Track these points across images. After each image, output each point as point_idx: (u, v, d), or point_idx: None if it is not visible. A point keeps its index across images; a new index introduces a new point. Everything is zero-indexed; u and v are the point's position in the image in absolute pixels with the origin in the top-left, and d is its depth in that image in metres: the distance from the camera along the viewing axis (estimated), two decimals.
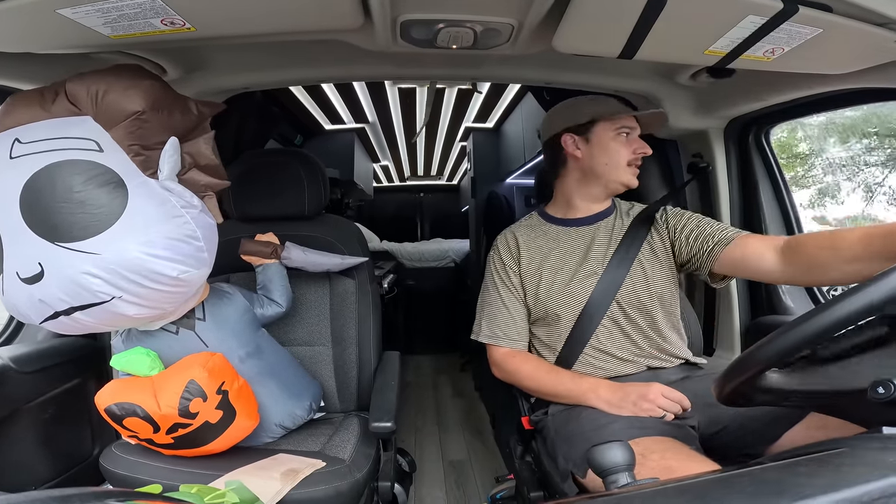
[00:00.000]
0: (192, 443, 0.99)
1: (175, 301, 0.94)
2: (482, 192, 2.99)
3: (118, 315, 0.86)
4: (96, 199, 0.81)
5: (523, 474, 1.22)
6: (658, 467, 0.77)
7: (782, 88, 1.15)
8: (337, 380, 1.38)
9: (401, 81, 1.48)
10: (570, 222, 1.23)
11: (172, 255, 0.85)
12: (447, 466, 2.29)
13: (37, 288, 0.81)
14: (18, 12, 0.71)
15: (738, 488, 0.42)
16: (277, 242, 1.29)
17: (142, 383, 0.97)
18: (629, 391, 0.98)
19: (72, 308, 0.82)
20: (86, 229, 0.80)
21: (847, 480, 0.35)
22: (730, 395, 0.67)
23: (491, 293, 1.23)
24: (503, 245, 1.25)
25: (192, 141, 0.97)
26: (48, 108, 0.85)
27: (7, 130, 0.84)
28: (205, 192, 0.99)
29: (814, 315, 0.55)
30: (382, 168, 4.75)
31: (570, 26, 0.82)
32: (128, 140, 0.85)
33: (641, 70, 1.31)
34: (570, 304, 1.13)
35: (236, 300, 1.17)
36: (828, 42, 0.83)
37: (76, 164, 0.81)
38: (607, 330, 1.12)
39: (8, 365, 1.09)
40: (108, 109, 0.84)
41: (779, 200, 1.44)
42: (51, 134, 0.83)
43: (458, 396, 3.29)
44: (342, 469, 1.02)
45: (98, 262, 0.80)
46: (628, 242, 1.15)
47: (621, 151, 1.16)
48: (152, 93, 0.87)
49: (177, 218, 0.87)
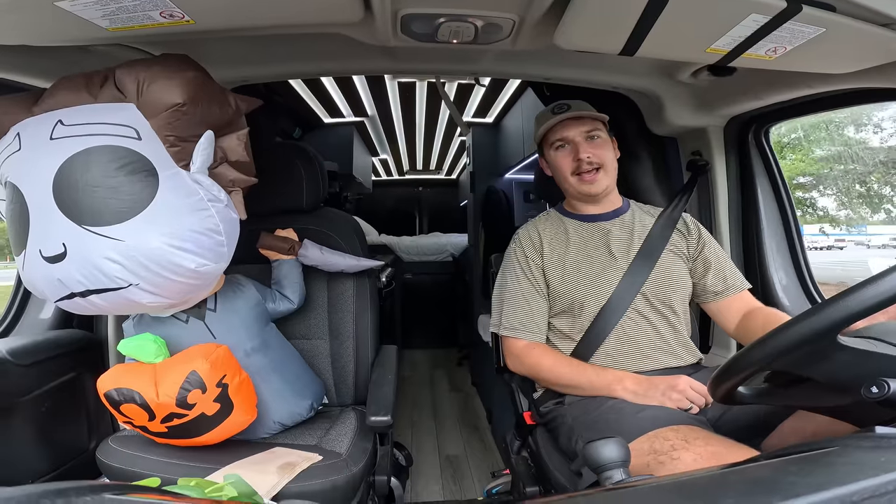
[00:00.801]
0: (185, 433, 1.00)
1: (189, 293, 0.95)
2: (481, 187, 2.98)
3: (132, 302, 0.88)
4: (128, 186, 0.83)
5: (519, 469, 1.22)
6: (705, 453, 0.77)
7: (783, 87, 1.15)
8: (334, 374, 1.39)
9: (401, 75, 1.47)
10: (589, 217, 1.25)
11: (194, 247, 0.87)
12: (443, 461, 2.31)
13: (57, 267, 0.83)
14: (16, 4, 0.70)
15: (731, 486, 0.43)
16: (296, 239, 1.29)
17: (144, 370, 0.97)
18: (656, 382, 1.00)
19: (88, 291, 0.84)
20: (114, 215, 0.82)
21: (838, 479, 0.35)
22: (725, 395, 0.68)
23: (512, 286, 1.23)
24: (525, 238, 1.25)
25: (227, 136, 0.98)
26: (95, 92, 0.87)
27: (51, 112, 0.86)
28: (232, 188, 1.00)
29: (807, 317, 0.55)
30: (381, 162, 4.74)
31: (572, 22, 0.82)
32: (166, 130, 0.87)
33: (642, 67, 1.30)
34: (596, 294, 1.14)
35: (249, 293, 1.18)
36: (830, 42, 0.82)
37: (114, 150, 0.83)
38: (632, 321, 1.13)
39: (5, 357, 1.08)
40: (151, 99, 0.86)
41: (777, 199, 1.45)
42: (94, 118, 0.85)
43: (455, 391, 3.30)
44: (339, 463, 1.03)
45: (120, 249, 0.82)
46: (653, 240, 1.19)
47: (562, 164, 1.22)
48: (194, 85, 0.88)
49: (202, 211, 0.89)
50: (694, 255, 1.21)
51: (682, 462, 0.77)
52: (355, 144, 3.32)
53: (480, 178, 3.09)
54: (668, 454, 0.80)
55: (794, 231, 1.43)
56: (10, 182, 0.87)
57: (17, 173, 0.86)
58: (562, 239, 1.23)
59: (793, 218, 1.43)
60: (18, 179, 0.86)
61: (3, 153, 0.88)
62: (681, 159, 1.61)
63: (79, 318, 1.36)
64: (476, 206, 3.02)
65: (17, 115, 0.89)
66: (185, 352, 1.00)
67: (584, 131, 1.19)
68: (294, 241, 1.29)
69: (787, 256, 1.43)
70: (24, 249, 0.86)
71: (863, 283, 0.51)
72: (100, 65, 0.98)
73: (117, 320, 1.36)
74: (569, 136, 1.20)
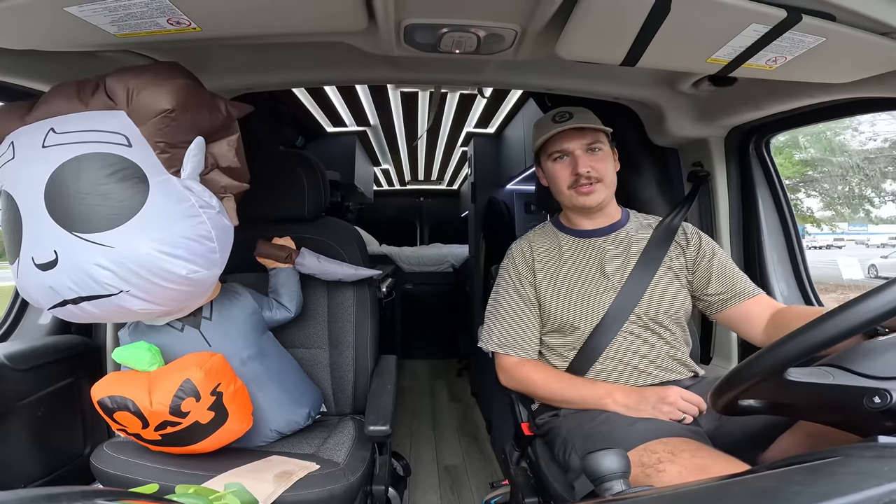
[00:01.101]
0: (179, 441, 0.99)
1: (182, 300, 0.95)
2: (482, 198, 2.99)
3: (124, 309, 0.87)
4: (118, 192, 0.83)
5: (519, 480, 1.21)
6: (691, 465, 0.76)
7: (784, 97, 1.16)
8: (333, 383, 1.38)
9: (403, 85, 1.48)
10: (583, 233, 1.22)
11: (184, 254, 0.87)
12: (442, 471, 2.28)
13: (49, 275, 0.83)
14: (25, 9, 0.71)
15: (734, 497, 0.42)
16: (294, 247, 1.29)
17: (138, 378, 0.97)
18: (647, 394, 0.98)
19: (80, 298, 0.84)
20: (103, 222, 0.82)
21: (841, 489, 0.34)
22: (726, 406, 0.67)
23: (503, 301, 1.21)
24: (518, 254, 1.23)
25: (217, 142, 0.99)
26: (86, 100, 0.88)
27: (44, 120, 0.87)
28: (224, 194, 1.00)
29: (811, 328, 0.55)
30: (383, 172, 4.75)
31: (574, 33, 0.83)
32: (156, 137, 0.88)
33: (643, 77, 1.31)
34: (588, 315, 1.12)
35: (245, 301, 1.17)
36: (831, 51, 0.83)
37: (104, 157, 0.84)
38: (625, 340, 1.11)
39: (2, 362, 1.08)
40: (141, 105, 0.87)
41: (778, 210, 1.45)
42: (85, 126, 0.85)
43: (455, 401, 3.28)
44: (336, 472, 1.02)
45: (110, 255, 0.82)
46: (648, 256, 1.15)
47: (560, 176, 1.17)
48: (184, 92, 0.89)
49: (193, 217, 0.89)
50: (693, 267, 1.17)
51: (666, 475, 0.77)
52: (357, 154, 3.33)
53: (482, 188, 3.10)
54: (654, 467, 0.79)
55: (795, 241, 1.43)
56: (5, 190, 0.88)
57: (11, 181, 0.87)
58: (554, 255, 1.20)
59: (793, 228, 1.43)
60: (12, 187, 0.86)
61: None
62: (682, 170, 1.61)
63: (77, 324, 1.36)
64: (477, 216, 3.03)
65: (11, 123, 0.89)
66: (179, 360, 1.00)
67: (585, 143, 1.14)
68: (291, 249, 1.28)
69: (787, 267, 1.42)
70: (17, 257, 0.86)
71: None
72: (106, 70, 0.99)
73: (115, 326, 1.36)
74: (568, 147, 1.14)
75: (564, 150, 1.16)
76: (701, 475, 0.74)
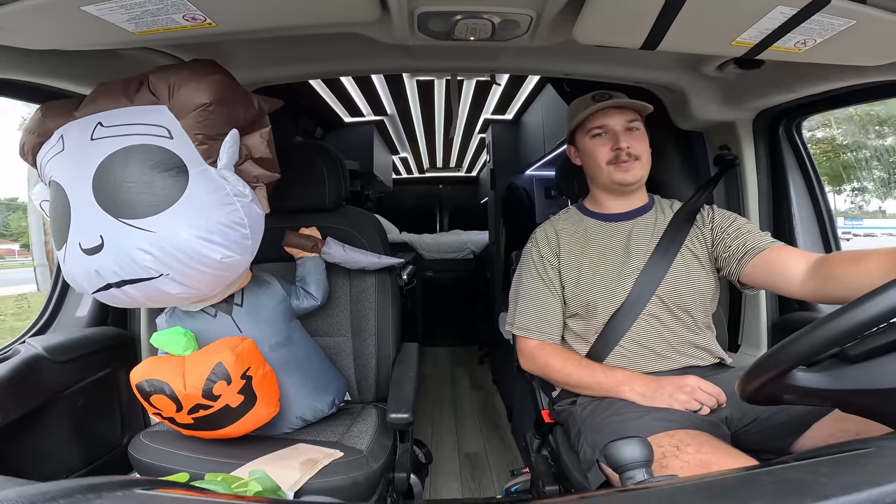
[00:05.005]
0: (210, 424, 1.03)
1: (216, 284, 0.99)
2: (501, 184, 2.97)
3: (163, 292, 0.92)
4: (160, 181, 0.89)
5: (539, 468, 1.22)
6: (694, 461, 0.76)
7: (815, 79, 1.11)
8: (356, 371, 1.40)
9: (419, 74, 1.47)
10: (609, 217, 1.22)
11: (220, 239, 0.92)
12: (463, 459, 2.31)
13: (94, 259, 0.89)
14: (44, 10, 0.73)
15: (760, 487, 0.41)
16: (319, 237, 1.32)
17: (174, 362, 1.01)
18: (664, 383, 0.97)
19: (123, 281, 0.90)
20: (147, 208, 0.88)
21: (871, 480, 0.34)
22: (754, 394, 0.66)
23: (526, 285, 1.22)
24: (542, 238, 1.23)
25: (251, 134, 1.04)
26: (131, 96, 0.94)
27: (92, 115, 0.94)
28: (256, 183, 1.05)
29: (844, 312, 0.53)
30: (401, 160, 4.76)
31: (591, 17, 0.81)
32: (195, 129, 0.93)
33: (665, 61, 1.27)
34: (611, 298, 1.12)
35: (274, 289, 1.21)
36: (862, 34, 0.79)
37: (148, 149, 0.90)
38: (647, 324, 1.11)
39: (42, 354, 1.13)
40: (181, 100, 0.92)
41: (811, 195, 1.39)
42: (130, 120, 0.92)
43: (476, 389, 3.30)
44: (359, 459, 1.04)
45: (152, 240, 0.87)
46: (669, 238, 1.14)
47: (599, 153, 1.17)
48: (220, 86, 0.94)
49: (228, 205, 0.94)
50: (711, 242, 1.14)
51: (669, 470, 0.76)
52: (375, 143, 3.34)
53: (501, 174, 3.08)
54: (657, 462, 0.77)
55: (830, 229, 1.37)
56: (55, 181, 0.94)
57: (61, 172, 0.93)
58: (580, 239, 1.20)
59: (828, 215, 1.37)
60: (62, 177, 0.93)
61: (49, 154, 0.95)
62: (708, 154, 1.57)
63: (113, 316, 1.40)
64: (497, 203, 3.01)
65: (61, 118, 0.96)
66: (212, 344, 1.04)
67: (626, 120, 1.16)
68: (317, 239, 1.31)
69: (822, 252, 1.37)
70: (65, 243, 0.92)
71: None
72: (129, 68, 1.02)
73: (149, 318, 1.40)
74: (609, 124, 1.16)
75: (605, 127, 1.17)
76: (703, 471, 0.73)
